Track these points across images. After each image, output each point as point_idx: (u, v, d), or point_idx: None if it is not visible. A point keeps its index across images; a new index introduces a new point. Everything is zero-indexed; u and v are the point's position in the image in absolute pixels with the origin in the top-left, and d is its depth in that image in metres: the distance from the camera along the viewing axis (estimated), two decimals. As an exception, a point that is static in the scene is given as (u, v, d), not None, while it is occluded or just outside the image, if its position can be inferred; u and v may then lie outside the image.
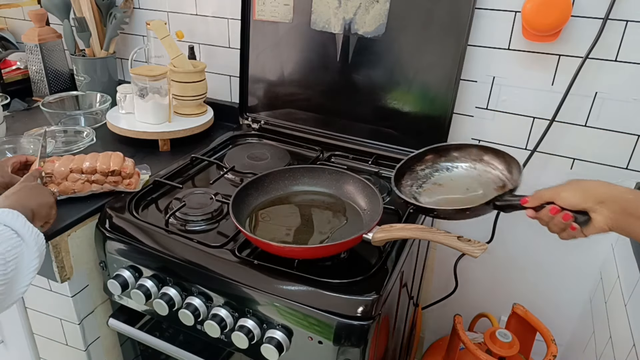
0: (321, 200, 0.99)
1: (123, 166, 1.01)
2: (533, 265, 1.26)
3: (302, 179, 1.01)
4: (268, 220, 0.94)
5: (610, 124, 1.06)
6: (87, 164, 0.99)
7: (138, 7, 1.48)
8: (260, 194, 0.98)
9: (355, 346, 0.78)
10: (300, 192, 1.01)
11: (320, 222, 0.93)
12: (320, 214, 0.96)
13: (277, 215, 0.96)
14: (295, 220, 0.95)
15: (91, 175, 0.99)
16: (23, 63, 1.62)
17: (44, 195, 0.84)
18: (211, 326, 0.84)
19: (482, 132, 1.19)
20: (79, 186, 0.99)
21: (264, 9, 1.24)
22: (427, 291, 1.44)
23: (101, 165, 0.99)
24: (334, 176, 1.00)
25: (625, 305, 0.95)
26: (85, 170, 0.98)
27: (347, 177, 0.99)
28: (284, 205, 0.98)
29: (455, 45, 1.08)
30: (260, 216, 0.95)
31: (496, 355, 1.15)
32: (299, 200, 0.99)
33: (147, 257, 0.92)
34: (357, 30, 1.16)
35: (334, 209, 0.97)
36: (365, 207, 0.95)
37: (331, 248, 0.85)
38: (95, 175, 1.00)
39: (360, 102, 1.22)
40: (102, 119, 1.36)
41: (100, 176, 1.00)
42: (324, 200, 0.99)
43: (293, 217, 0.95)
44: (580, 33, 1.02)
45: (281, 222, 0.94)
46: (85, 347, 1.07)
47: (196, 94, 1.30)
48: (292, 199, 1.00)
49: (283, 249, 0.84)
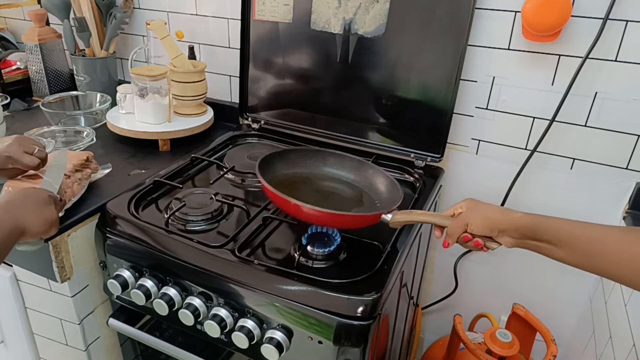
0: (342, 183, 1.03)
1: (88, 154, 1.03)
2: (533, 265, 1.26)
3: (327, 160, 1.05)
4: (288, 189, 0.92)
5: (610, 124, 1.06)
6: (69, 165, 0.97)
7: (138, 7, 1.48)
8: (284, 166, 1.01)
9: (355, 346, 0.78)
10: (323, 173, 1.04)
11: (339, 202, 0.96)
12: (339, 196, 0.98)
13: (297, 188, 0.97)
14: (315, 196, 0.96)
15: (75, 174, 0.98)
16: (23, 63, 1.62)
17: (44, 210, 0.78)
18: (211, 326, 0.84)
19: (482, 132, 1.19)
20: (76, 188, 0.98)
21: (264, 9, 1.24)
22: (427, 291, 1.44)
23: (76, 161, 0.99)
24: (355, 163, 1.04)
25: (625, 305, 0.95)
26: (71, 170, 0.97)
27: (368, 166, 1.04)
28: (304, 182, 1.01)
29: (455, 45, 1.08)
30: (281, 184, 0.95)
31: (496, 355, 1.15)
32: (319, 180, 1.02)
33: (147, 257, 0.92)
34: (357, 30, 1.16)
35: (353, 193, 1.00)
36: (384, 194, 0.98)
37: (348, 218, 0.86)
38: (77, 174, 0.99)
39: (360, 102, 1.22)
40: (102, 119, 1.36)
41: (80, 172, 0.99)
42: (345, 184, 1.03)
43: (312, 193, 0.97)
44: (580, 33, 1.02)
45: (300, 195, 0.90)
46: (85, 347, 1.07)
47: (196, 94, 1.30)
48: (314, 178, 1.02)
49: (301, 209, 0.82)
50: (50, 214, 0.79)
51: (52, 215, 0.79)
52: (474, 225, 0.73)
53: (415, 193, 1.10)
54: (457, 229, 0.74)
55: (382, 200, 0.98)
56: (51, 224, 0.79)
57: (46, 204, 0.79)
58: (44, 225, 0.77)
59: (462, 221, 0.74)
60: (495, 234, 0.72)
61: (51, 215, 0.79)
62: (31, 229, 0.75)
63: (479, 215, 0.73)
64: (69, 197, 0.95)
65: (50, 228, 0.79)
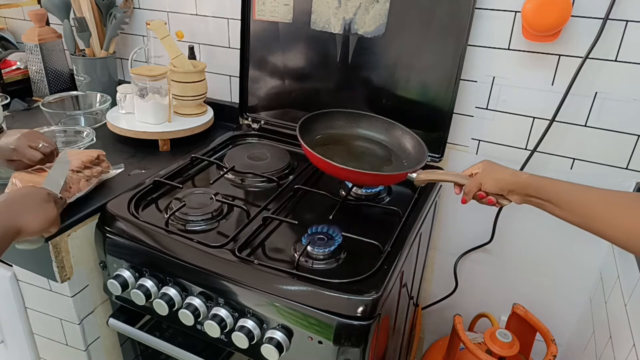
0: (373, 143, 1.13)
1: (99, 152, 1.04)
2: (533, 265, 1.26)
3: (359, 122, 1.14)
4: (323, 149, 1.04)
5: (610, 124, 1.06)
6: (76, 162, 0.98)
7: (138, 7, 1.48)
8: (320, 128, 1.10)
9: (355, 346, 0.78)
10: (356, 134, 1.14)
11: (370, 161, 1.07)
12: (371, 155, 1.09)
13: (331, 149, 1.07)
14: (348, 156, 1.07)
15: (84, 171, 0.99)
16: (23, 63, 1.62)
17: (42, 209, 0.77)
18: (211, 326, 0.84)
19: (482, 132, 1.19)
20: (83, 184, 0.99)
21: (264, 9, 1.24)
22: (427, 291, 1.44)
23: (85, 158, 1.00)
24: (386, 125, 1.13)
25: (625, 305, 0.95)
26: (78, 167, 0.98)
27: (398, 127, 1.12)
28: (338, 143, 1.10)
29: (455, 45, 1.08)
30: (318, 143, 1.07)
31: (496, 355, 1.15)
32: (352, 140, 1.12)
33: (147, 257, 0.92)
34: (357, 30, 1.16)
35: (382, 152, 1.10)
36: (412, 154, 1.07)
37: (379, 177, 0.98)
38: (86, 171, 1.00)
39: (360, 102, 1.22)
40: (102, 119, 1.36)
41: (89, 169, 1.00)
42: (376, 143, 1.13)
43: (346, 154, 1.08)
44: (580, 33, 1.02)
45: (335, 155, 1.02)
46: (85, 347, 1.07)
47: (196, 94, 1.30)
48: (347, 138, 1.12)
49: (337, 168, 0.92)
50: (49, 212, 0.78)
51: (51, 213, 0.79)
52: (487, 185, 0.82)
53: (415, 193, 1.10)
54: (473, 188, 0.84)
55: (409, 159, 1.07)
56: (51, 222, 0.79)
57: (44, 202, 0.79)
58: (42, 224, 0.77)
59: (477, 181, 0.83)
60: (506, 192, 0.81)
61: (50, 213, 0.78)
62: (28, 227, 0.75)
63: (492, 176, 0.82)
64: (73, 193, 0.95)
65: (49, 226, 0.79)
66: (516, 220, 1.23)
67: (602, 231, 0.70)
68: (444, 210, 1.31)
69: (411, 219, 0.99)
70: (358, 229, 0.91)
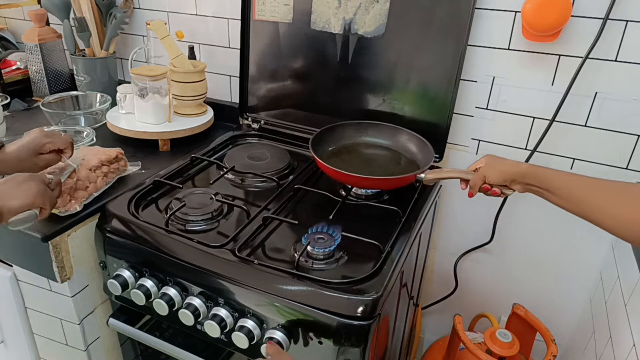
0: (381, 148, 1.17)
1: (118, 152, 1.07)
2: (533, 265, 1.26)
3: (367, 131, 1.19)
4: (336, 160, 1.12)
5: (610, 124, 1.06)
6: (94, 160, 1.01)
7: (138, 7, 1.48)
8: (332, 140, 1.16)
9: (355, 346, 0.78)
10: (365, 142, 1.19)
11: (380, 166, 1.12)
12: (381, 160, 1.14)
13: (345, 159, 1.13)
14: (360, 163, 1.12)
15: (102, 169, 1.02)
16: (23, 63, 1.62)
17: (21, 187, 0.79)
18: (211, 326, 0.84)
19: (482, 132, 1.19)
20: (100, 183, 1.01)
21: (264, 9, 1.24)
22: (427, 291, 1.44)
23: (104, 156, 1.03)
24: (392, 130, 1.17)
25: (625, 305, 0.95)
26: (97, 165, 1.01)
27: (403, 132, 1.16)
28: (350, 152, 1.16)
29: (455, 45, 1.08)
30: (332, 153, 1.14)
31: (496, 355, 1.15)
32: (362, 148, 1.18)
33: (147, 257, 0.92)
34: (357, 30, 1.16)
35: (391, 156, 1.15)
36: (418, 156, 1.12)
37: (390, 181, 1.02)
38: (103, 168, 1.02)
39: (360, 102, 1.22)
40: (102, 119, 1.36)
41: (107, 167, 1.03)
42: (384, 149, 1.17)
43: (358, 160, 1.13)
44: (580, 33, 1.02)
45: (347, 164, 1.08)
46: (85, 347, 1.07)
47: (196, 94, 1.30)
48: (357, 146, 1.18)
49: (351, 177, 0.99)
50: (28, 188, 0.79)
51: (32, 188, 0.79)
52: (491, 177, 0.86)
53: (415, 193, 1.10)
54: (478, 181, 0.87)
55: (417, 160, 1.12)
56: (32, 197, 0.79)
57: (24, 181, 0.80)
58: (23, 199, 0.78)
59: (482, 174, 0.87)
60: (509, 182, 0.85)
61: (29, 188, 0.79)
62: (8, 206, 0.77)
63: (495, 169, 0.86)
64: (90, 192, 0.99)
65: (32, 200, 0.79)
66: (516, 220, 1.23)
67: (600, 220, 0.72)
68: (444, 210, 1.31)
69: (411, 219, 0.99)
70: (358, 229, 0.91)
